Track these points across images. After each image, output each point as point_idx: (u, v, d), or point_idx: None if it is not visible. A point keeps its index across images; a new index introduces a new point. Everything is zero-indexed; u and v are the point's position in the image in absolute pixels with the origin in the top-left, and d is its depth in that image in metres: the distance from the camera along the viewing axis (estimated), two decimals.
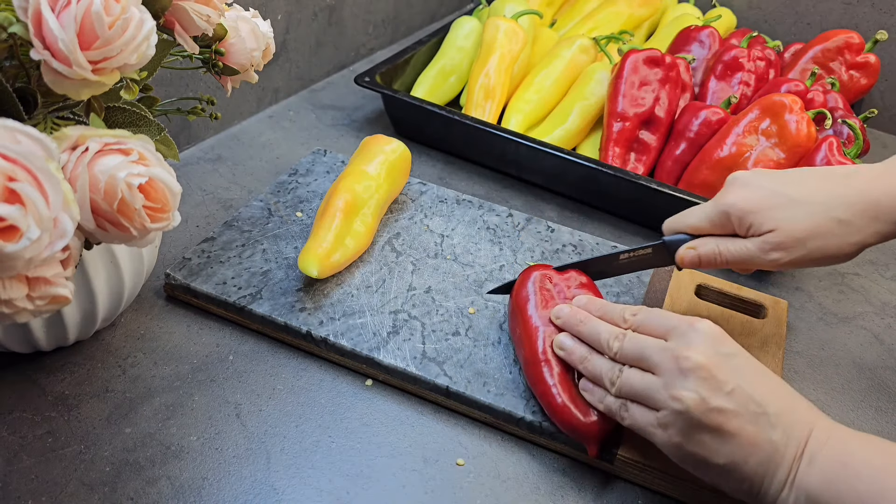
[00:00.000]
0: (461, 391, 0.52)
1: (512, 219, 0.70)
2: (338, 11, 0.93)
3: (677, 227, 0.57)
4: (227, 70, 0.52)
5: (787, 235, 0.51)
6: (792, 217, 0.51)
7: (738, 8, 1.18)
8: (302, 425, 0.51)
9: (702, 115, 0.77)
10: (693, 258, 0.54)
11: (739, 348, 0.44)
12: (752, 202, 0.52)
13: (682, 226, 0.56)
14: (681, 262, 0.55)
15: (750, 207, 0.52)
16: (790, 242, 0.51)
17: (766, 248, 0.51)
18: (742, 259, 0.53)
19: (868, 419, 0.58)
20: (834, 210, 0.50)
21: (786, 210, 0.51)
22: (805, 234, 0.50)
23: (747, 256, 0.52)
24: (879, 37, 0.86)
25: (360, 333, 0.55)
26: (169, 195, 0.40)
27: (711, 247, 0.54)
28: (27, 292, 0.35)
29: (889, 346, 0.65)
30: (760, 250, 0.52)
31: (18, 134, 0.33)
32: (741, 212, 0.52)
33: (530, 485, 0.49)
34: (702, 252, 0.54)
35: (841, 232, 0.50)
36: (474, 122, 0.78)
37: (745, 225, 0.52)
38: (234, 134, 0.83)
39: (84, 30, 0.34)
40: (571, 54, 0.89)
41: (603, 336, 0.47)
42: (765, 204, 0.51)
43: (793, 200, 0.51)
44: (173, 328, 0.57)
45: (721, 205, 0.53)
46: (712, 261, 0.54)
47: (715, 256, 0.54)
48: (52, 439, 0.48)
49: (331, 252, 0.58)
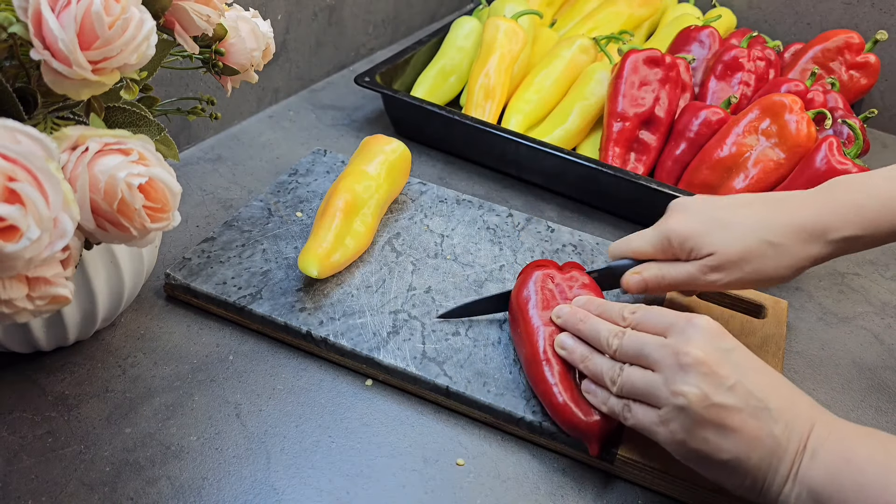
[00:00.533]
0: (461, 391, 0.52)
1: (512, 219, 0.70)
2: (338, 11, 0.93)
3: (622, 251, 0.58)
4: (227, 70, 0.52)
5: (723, 258, 0.53)
6: (727, 240, 0.53)
7: (738, 8, 1.18)
8: (302, 425, 0.51)
9: (702, 115, 0.78)
10: (639, 282, 0.56)
11: (739, 344, 0.44)
12: (690, 227, 0.54)
13: (626, 250, 0.58)
14: (626, 288, 0.57)
15: (689, 232, 0.54)
16: (727, 265, 0.53)
17: (706, 270, 0.53)
18: (684, 281, 0.55)
19: (868, 419, 0.58)
20: (765, 233, 0.52)
21: (721, 234, 0.53)
22: (739, 257, 0.52)
23: (689, 278, 0.54)
24: (879, 37, 0.86)
25: (360, 333, 0.55)
26: (169, 195, 0.40)
27: (654, 271, 0.56)
28: (27, 292, 0.35)
29: (889, 346, 0.65)
30: (700, 272, 0.54)
31: (18, 134, 0.33)
32: (681, 237, 0.54)
33: (530, 485, 0.49)
34: (647, 276, 0.56)
35: (773, 254, 0.52)
36: (474, 122, 0.78)
37: (686, 249, 0.54)
38: (234, 134, 0.83)
39: (84, 30, 0.34)
40: (571, 54, 0.89)
41: (602, 334, 0.48)
42: (702, 229, 0.54)
43: (728, 224, 0.53)
44: (173, 328, 0.57)
45: (662, 230, 0.56)
46: (657, 284, 0.56)
47: (659, 280, 0.55)
48: (52, 439, 0.48)
49: (331, 252, 0.58)
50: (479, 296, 0.60)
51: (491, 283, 0.62)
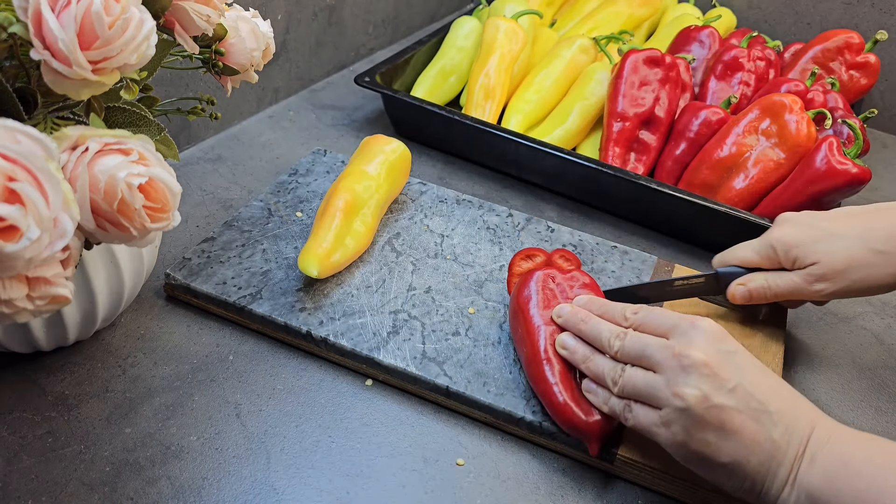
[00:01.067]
0: (461, 391, 0.52)
1: (512, 219, 0.70)
2: (338, 11, 0.93)
3: (727, 260, 0.60)
4: (227, 70, 0.52)
5: (828, 267, 0.54)
6: (832, 250, 0.54)
7: (738, 8, 1.18)
8: (302, 425, 0.51)
9: (702, 115, 0.77)
10: (744, 293, 0.58)
11: (740, 346, 0.44)
12: (795, 236, 0.55)
13: (731, 259, 0.59)
14: (732, 298, 0.58)
15: (793, 241, 0.55)
16: (832, 274, 0.54)
17: (811, 279, 0.55)
18: (790, 291, 0.56)
19: (868, 419, 0.58)
20: (871, 242, 0.53)
21: (826, 243, 0.54)
22: (845, 266, 0.54)
23: (794, 288, 0.56)
24: (879, 37, 0.86)
25: (360, 333, 0.55)
26: (169, 195, 0.40)
27: (760, 281, 0.57)
28: (27, 292, 0.35)
29: (889, 346, 0.65)
30: (806, 282, 0.55)
31: (18, 134, 0.33)
32: (786, 245, 0.56)
33: (530, 485, 0.49)
34: (752, 287, 0.57)
35: (880, 262, 0.53)
36: (474, 122, 0.78)
37: (790, 258, 0.56)
38: (234, 134, 0.83)
39: (84, 30, 0.34)
40: (571, 54, 0.89)
41: (604, 335, 0.48)
42: (807, 238, 0.55)
43: (832, 234, 0.55)
44: (173, 328, 0.57)
45: (768, 239, 0.57)
46: (762, 294, 0.57)
47: (764, 290, 0.57)
48: (52, 439, 0.48)
49: (331, 252, 0.58)
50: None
51: (491, 284, 0.62)
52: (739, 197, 0.73)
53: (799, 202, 0.70)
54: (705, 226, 0.73)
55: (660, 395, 0.43)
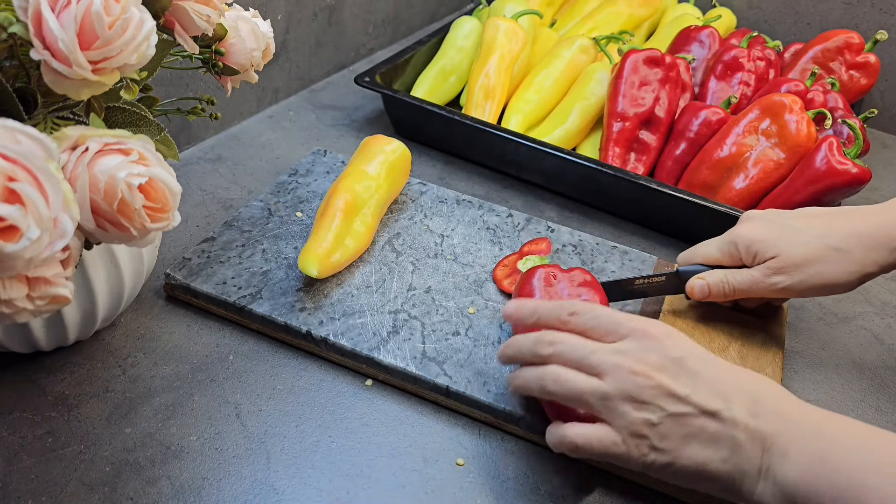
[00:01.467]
0: (461, 391, 0.52)
1: (512, 219, 0.70)
2: (338, 11, 0.93)
3: (691, 258, 0.61)
4: (227, 70, 0.52)
5: (787, 261, 0.55)
6: (792, 245, 0.55)
7: (738, 8, 1.18)
8: (302, 425, 0.51)
9: (702, 115, 0.77)
10: (702, 287, 0.58)
11: (689, 348, 0.44)
12: (757, 232, 0.56)
13: (695, 256, 0.60)
14: (690, 293, 0.59)
15: (755, 237, 0.56)
16: (790, 268, 0.55)
17: (768, 273, 0.55)
18: (747, 285, 0.57)
19: (868, 419, 0.58)
20: (830, 239, 0.54)
21: (787, 239, 0.55)
22: (803, 260, 0.54)
23: (752, 283, 0.56)
24: (879, 37, 0.86)
25: (360, 333, 0.55)
26: (169, 195, 0.40)
27: (719, 276, 0.58)
28: (27, 292, 0.35)
29: (889, 346, 0.65)
30: (763, 275, 0.56)
31: (18, 134, 0.33)
32: (747, 240, 0.56)
33: (530, 485, 0.49)
34: (710, 281, 0.58)
35: (838, 259, 0.54)
36: (474, 122, 0.78)
37: (751, 253, 0.56)
38: (234, 134, 0.83)
39: (84, 30, 0.34)
40: (571, 54, 0.89)
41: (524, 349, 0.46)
42: (769, 234, 0.56)
43: (794, 230, 0.56)
44: (173, 328, 0.57)
45: (730, 236, 0.58)
46: (720, 289, 0.58)
47: (722, 284, 0.58)
48: (52, 439, 0.48)
49: (331, 252, 0.58)
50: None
51: (491, 284, 0.62)
52: (739, 197, 0.73)
53: (799, 202, 0.70)
54: (705, 226, 0.72)
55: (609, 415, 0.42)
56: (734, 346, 0.59)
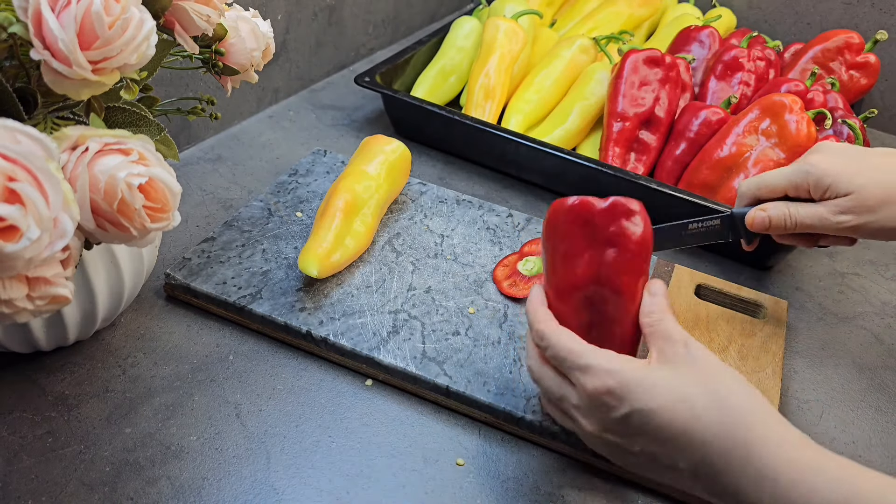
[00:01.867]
0: (461, 391, 0.52)
1: (512, 219, 0.70)
2: (338, 11, 0.93)
3: (756, 185, 0.57)
4: (227, 70, 0.52)
5: (860, 200, 0.51)
6: (869, 183, 0.51)
7: (738, 8, 1.18)
8: (302, 425, 0.51)
9: (702, 115, 0.78)
10: (763, 219, 0.55)
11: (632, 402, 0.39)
12: (834, 165, 0.52)
13: (759, 184, 0.57)
14: (751, 224, 0.56)
15: (831, 169, 0.52)
16: (862, 208, 0.51)
17: (837, 210, 0.52)
18: (811, 222, 0.53)
19: (868, 419, 0.58)
20: None
21: (864, 176, 0.52)
22: (877, 201, 0.51)
23: (817, 219, 0.53)
24: (879, 37, 0.86)
25: (360, 333, 0.55)
26: (169, 195, 0.40)
27: (782, 209, 0.55)
28: (27, 292, 0.35)
29: (889, 346, 0.65)
30: (831, 213, 0.52)
31: (18, 134, 0.33)
32: (822, 172, 0.53)
33: (530, 485, 0.49)
34: (772, 214, 0.55)
35: None
36: (474, 122, 0.78)
37: (821, 187, 0.53)
38: (234, 134, 0.83)
39: (84, 30, 0.34)
40: (571, 54, 0.89)
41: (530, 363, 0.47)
42: (846, 168, 0.52)
43: (872, 167, 0.52)
44: (173, 328, 0.57)
45: (803, 164, 0.54)
46: (781, 223, 0.55)
47: (785, 218, 0.54)
48: (52, 439, 0.48)
49: (331, 252, 0.58)
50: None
51: (490, 284, 0.62)
52: None
53: None
54: None
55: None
56: (734, 346, 0.59)
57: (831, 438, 0.55)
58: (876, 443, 0.55)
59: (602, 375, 0.40)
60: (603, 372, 0.40)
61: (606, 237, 0.43)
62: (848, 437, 0.56)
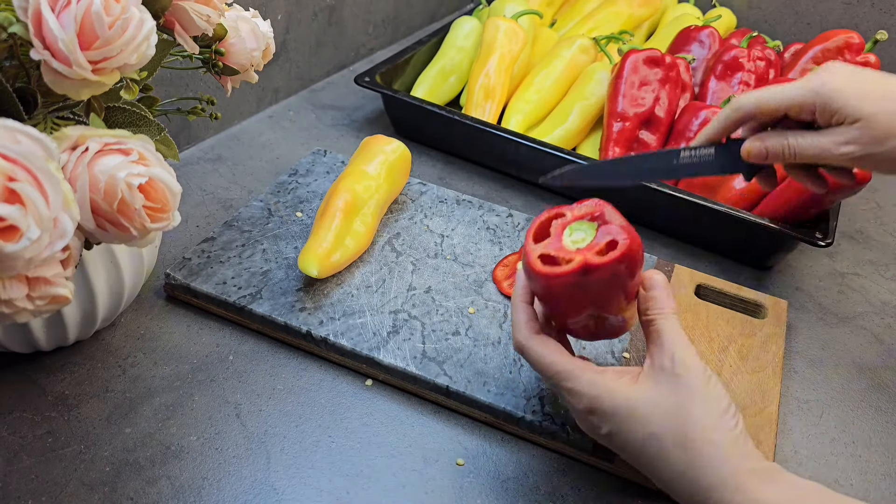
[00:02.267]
0: (461, 391, 0.52)
1: (512, 219, 0.70)
2: (338, 11, 0.93)
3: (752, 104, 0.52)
4: (227, 70, 0.52)
5: (867, 129, 0.47)
6: (880, 112, 0.47)
7: (738, 8, 1.18)
8: (302, 425, 0.51)
9: (702, 115, 0.77)
10: (760, 149, 0.52)
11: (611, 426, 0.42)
12: (845, 87, 0.48)
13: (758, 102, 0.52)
14: (747, 155, 0.52)
15: (841, 93, 0.48)
16: (868, 138, 0.47)
17: (841, 140, 0.48)
18: (813, 153, 0.50)
19: (868, 419, 0.58)
20: None
21: (875, 104, 0.47)
22: (885, 132, 0.47)
23: (818, 150, 0.49)
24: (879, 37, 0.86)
25: (360, 333, 0.55)
26: (169, 195, 0.40)
27: (779, 139, 0.51)
28: (27, 292, 0.35)
29: (889, 346, 0.65)
30: (834, 143, 0.49)
31: (18, 134, 0.33)
32: (832, 92, 0.48)
33: (530, 485, 0.49)
34: (769, 144, 0.51)
35: None
36: (474, 122, 0.78)
37: (830, 109, 0.48)
38: (234, 134, 0.83)
39: (84, 30, 0.34)
40: (571, 54, 0.89)
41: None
42: (857, 91, 0.48)
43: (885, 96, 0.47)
44: (173, 328, 0.57)
45: (812, 82, 0.49)
46: (779, 153, 0.51)
47: (783, 149, 0.51)
48: (52, 439, 0.48)
49: (331, 252, 0.58)
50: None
51: (490, 284, 0.62)
52: (739, 197, 0.73)
53: (799, 202, 0.70)
54: (705, 226, 0.73)
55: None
56: (734, 346, 0.59)
57: (831, 438, 0.55)
58: (876, 443, 0.55)
59: (585, 400, 0.42)
60: (586, 398, 0.42)
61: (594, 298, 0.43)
62: (848, 437, 0.56)
